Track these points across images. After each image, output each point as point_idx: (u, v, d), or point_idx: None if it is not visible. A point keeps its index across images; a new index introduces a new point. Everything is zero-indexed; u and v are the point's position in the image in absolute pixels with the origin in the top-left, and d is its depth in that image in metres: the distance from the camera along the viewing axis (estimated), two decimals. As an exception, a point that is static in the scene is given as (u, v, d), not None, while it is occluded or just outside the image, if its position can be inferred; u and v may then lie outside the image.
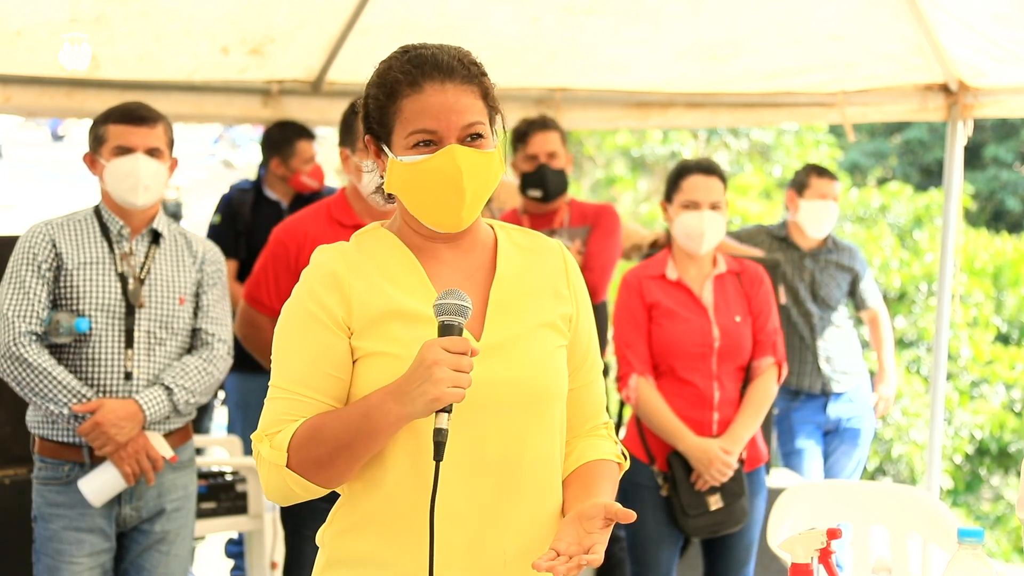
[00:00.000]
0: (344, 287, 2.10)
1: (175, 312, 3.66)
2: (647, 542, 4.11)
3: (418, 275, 2.15)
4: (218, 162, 21.96)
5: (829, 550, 2.33)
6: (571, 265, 2.27)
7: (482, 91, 2.14)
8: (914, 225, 12.22)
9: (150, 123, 3.65)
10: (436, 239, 2.18)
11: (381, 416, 2.00)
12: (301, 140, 5.65)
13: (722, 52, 5.66)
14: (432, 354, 1.95)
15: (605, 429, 2.31)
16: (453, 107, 2.09)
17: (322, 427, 2.04)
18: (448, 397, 1.95)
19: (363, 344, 2.09)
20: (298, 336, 2.11)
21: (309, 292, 2.12)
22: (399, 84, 2.11)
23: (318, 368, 2.08)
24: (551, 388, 2.16)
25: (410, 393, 1.96)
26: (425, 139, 2.10)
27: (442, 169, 2.09)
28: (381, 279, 2.12)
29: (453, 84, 2.10)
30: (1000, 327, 11.61)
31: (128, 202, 3.64)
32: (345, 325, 2.09)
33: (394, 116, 2.12)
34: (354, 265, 2.13)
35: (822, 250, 5.60)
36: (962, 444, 10.61)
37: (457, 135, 2.10)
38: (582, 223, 4.93)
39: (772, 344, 4.15)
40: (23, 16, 4.70)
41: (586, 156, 14.44)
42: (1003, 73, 5.46)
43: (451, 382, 1.94)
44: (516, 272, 2.21)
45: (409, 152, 2.11)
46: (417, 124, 2.09)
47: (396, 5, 5.31)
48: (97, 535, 3.59)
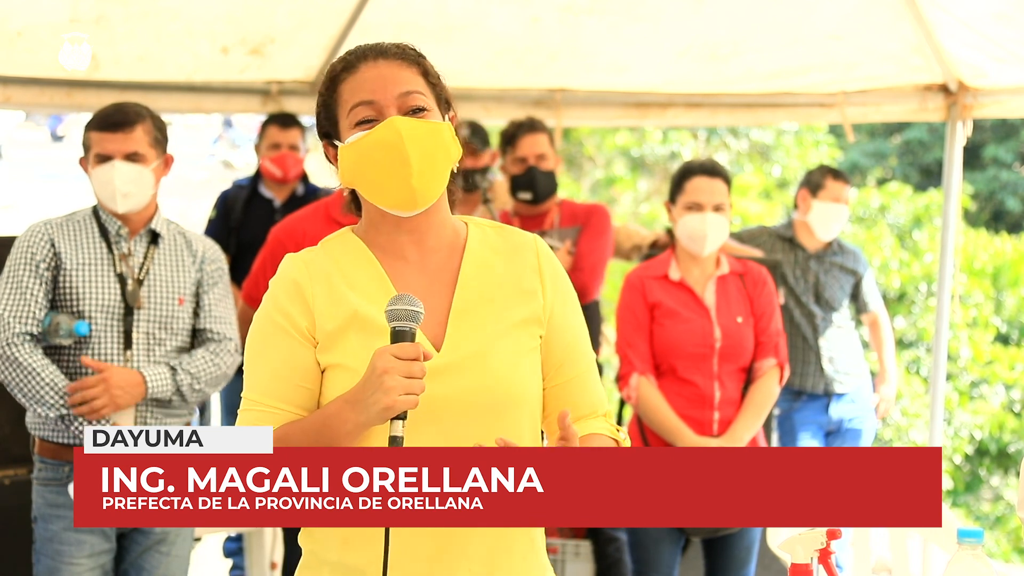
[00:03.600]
0: (306, 297, 2.10)
1: (174, 313, 3.65)
2: (648, 542, 4.11)
3: (380, 280, 2.13)
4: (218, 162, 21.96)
5: (829, 550, 2.33)
6: (545, 259, 2.23)
7: (420, 70, 2.15)
8: (914, 225, 12.22)
9: (126, 128, 3.59)
10: (400, 233, 2.15)
11: (339, 424, 2.01)
12: (270, 125, 5.56)
13: (722, 52, 5.66)
14: (382, 362, 1.95)
15: (604, 417, 2.27)
16: (388, 77, 2.11)
17: (286, 438, 2.04)
18: (400, 405, 1.95)
19: (324, 357, 2.10)
20: (265, 347, 2.12)
21: (274, 302, 2.12)
22: (336, 72, 2.15)
23: (286, 379, 2.09)
24: (517, 392, 2.13)
25: (364, 402, 1.97)
26: (366, 115, 2.10)
27: (384, 139, 2.08)
28: (343, 286, 2.12)
29: (386, 60, 2.13)
30: (1000, 327, 11.61)
31: (111, 209, 3.63)
32: (310, 335, 2.10)
33: (336, 104, 2.14)
34: (317, 273, 2.12)
35: (827, 252, 5.60)
36: (962, 444, 10.61)
37: (396, 104, 2.10)
38: (573, 223, 4.94)
39: (774, 345, 4.15)
40: (23, 16, 4.70)
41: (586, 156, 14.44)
42: (1003, 73, 5.46)
43: (403, 390, 1.95)
44: (482, 273, 2.17)
45: (352, 131, 2.11)
46: (355, 99, 2.11)
47: (396, 5, 5.31)
48: (97, 536, 3.59)
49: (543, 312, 2.19)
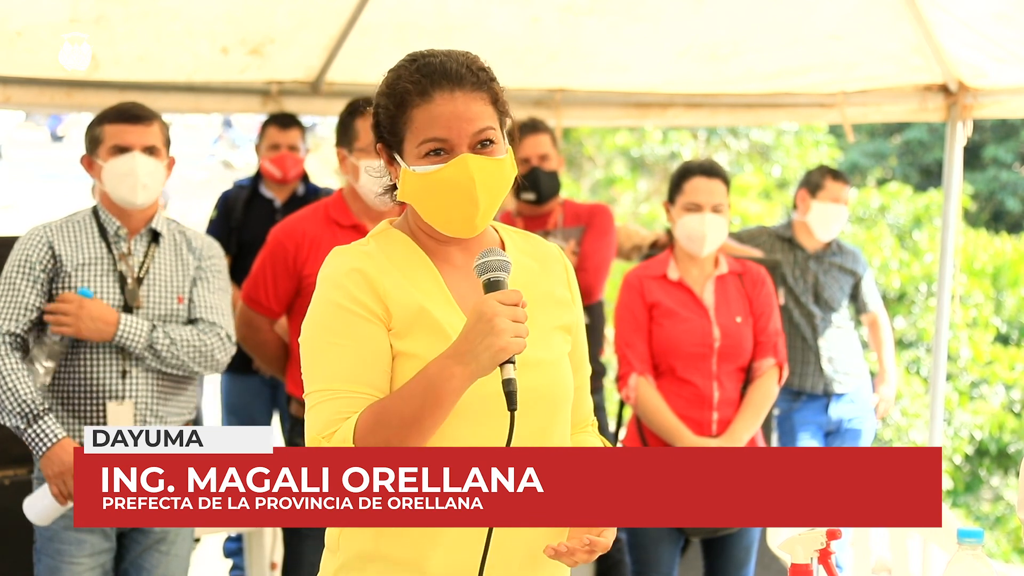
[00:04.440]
0: (375, 284, 2.10)
1: (174, 311, 3.66)
2: (647, 542, 4.11)
3: (435, 279, 2.16)
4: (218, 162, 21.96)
5: (829, 551, 2.34)
6: (570, 271, 2.31)
7: (492, 97, 2.14)
8: (914, 226, 12.22)
9: (146, 121, 3.64)
10: (448, 242, 2.19)
11: (444, 381, 1.99)
12: (270, 126, 5.58)
13: (722, 52, 5.66)
14: (490, 308, 1.98)
15: (591, 427, 2.36)
16: (463, 115, 2.10)
17: (385, 410, 2.02)
18: (513, 347, 1.97)
19: (397, 343, 2.10)
20: (339, 335, 2.09)
21: (340, 290, 2.10)
22: (408, 94, 2.11)
23: (368, 362, 2.08)
24: (567, 391, 2.20)
25: (472, 350, 1.98)
26: (436, 148, 2.11)
27: (455, 179, 2.09)
28: (404, 280, 2.13)
29: (463, 92, 2.11)
30: (1000, 328, 11.60)
31: (127, 201, 3.63)
32: (386, 319, 2.10)
33: (405, 126, 2.12)
34: (379, 264, 2.13)
35: (826, 252, 5.60)
36: (962, 445, 10.61)
37: (468, 143, 2.10)
38: (576, 223, 4.93)
39: (773, 345, 4.15)
40: (23, 16, 4.70)
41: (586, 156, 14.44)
42: (1003, 73, 5.46)
43: (513, 332, 1.97)
44: (526, 277, 2.21)
45: (421, 162, 2.11)
46: (428, 133, 2.10)
47: (396, 5, 5.31)
48: (97, 535, 3.59)
49: (573, 322, 2.26)
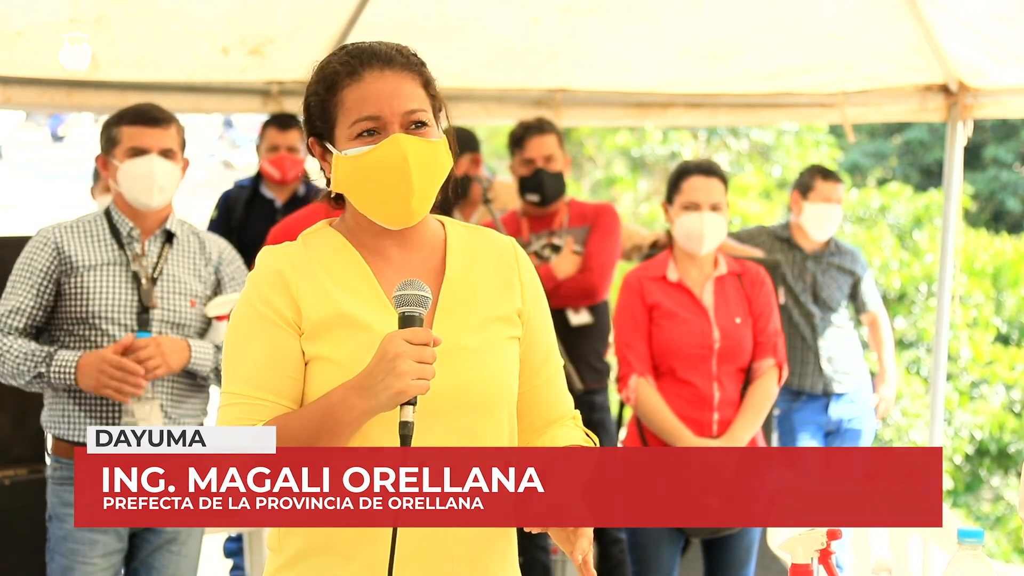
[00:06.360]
0: (290, 287, 2.08)
1: (186, 313, 3.67)
2: (648, 542, 4.11)
3: (366, 278, 2.12)
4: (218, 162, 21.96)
5: (829, 551, 2.33)
6: (523, 262, 2.24)
7: (422, 80, 2.12)
8: (914, 226, 12.22)
9: (164, 124, 3.64)
10: (385, 236, 2.15)
11: (344, 412, 1.97)
12: (269, 127, 5.56)
13: (722, 52, 5.67)
14: (394, 346, 1.94)
15: (573, 420, 2.29)
16: (394, 92, 2.08)
17: (284, 428, 1.99)
18: (413, 389, 1.94)
19: (310, 347, 2.07)
20: (250, 337, 2.08)
21: (256, 293, 2.09)
22: (338, 75, 2.10)
23: (273, 369, 2.06)
24: (500, 392, 2.13)
25: (374, 387, 1.95)
26: (368, 127, 2.08)
27: (388, 158, 2.07)
28: (328, 281, 2.10)
29: (392, 71, 2.09)
30: (1000, 328, 11.60)
31: (142, 203, 3.64)
32: (296, 324, 2.07)
33: (336, 108, 2.10)
34: (300, 265, 2.11)
35: (824, 252, 5.60)
36: (962, 445, 10.61)
37: (400, 121, 2.08)
38: (581, 223, 4.93)
39: (773, 346, 4.15)
40: (23, 16, 4.70)
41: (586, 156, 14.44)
42: (1003, 73, 5.46)
43: (415, 374, 1.93)
44: (465, 271, 2.18)
45: (353, 143, 2.09)
46: (359, 112, 2.08)
47: (396, 5, 5.31)
48: (111, 535, 3.60)
49: (523, 313, 2.20)
